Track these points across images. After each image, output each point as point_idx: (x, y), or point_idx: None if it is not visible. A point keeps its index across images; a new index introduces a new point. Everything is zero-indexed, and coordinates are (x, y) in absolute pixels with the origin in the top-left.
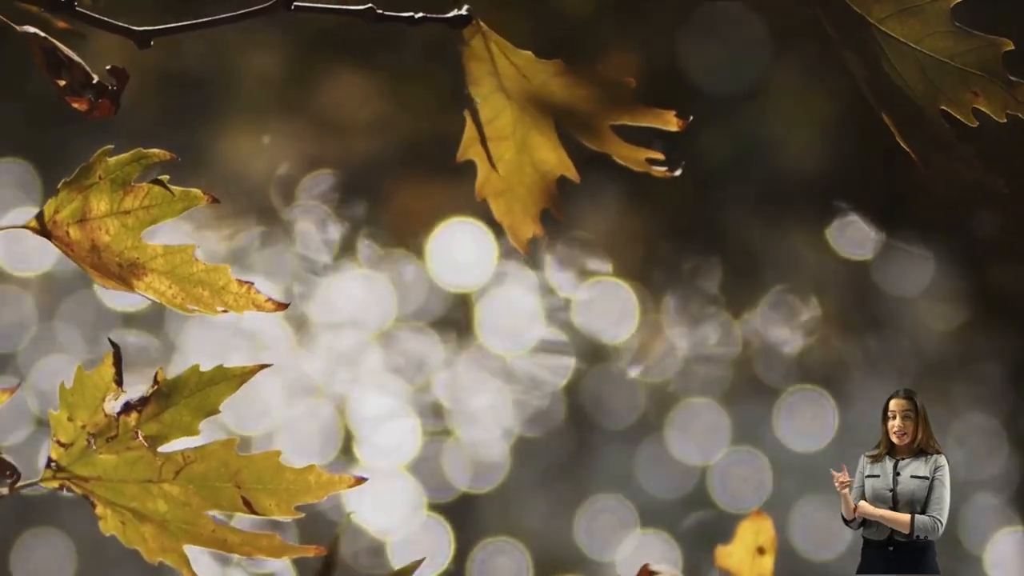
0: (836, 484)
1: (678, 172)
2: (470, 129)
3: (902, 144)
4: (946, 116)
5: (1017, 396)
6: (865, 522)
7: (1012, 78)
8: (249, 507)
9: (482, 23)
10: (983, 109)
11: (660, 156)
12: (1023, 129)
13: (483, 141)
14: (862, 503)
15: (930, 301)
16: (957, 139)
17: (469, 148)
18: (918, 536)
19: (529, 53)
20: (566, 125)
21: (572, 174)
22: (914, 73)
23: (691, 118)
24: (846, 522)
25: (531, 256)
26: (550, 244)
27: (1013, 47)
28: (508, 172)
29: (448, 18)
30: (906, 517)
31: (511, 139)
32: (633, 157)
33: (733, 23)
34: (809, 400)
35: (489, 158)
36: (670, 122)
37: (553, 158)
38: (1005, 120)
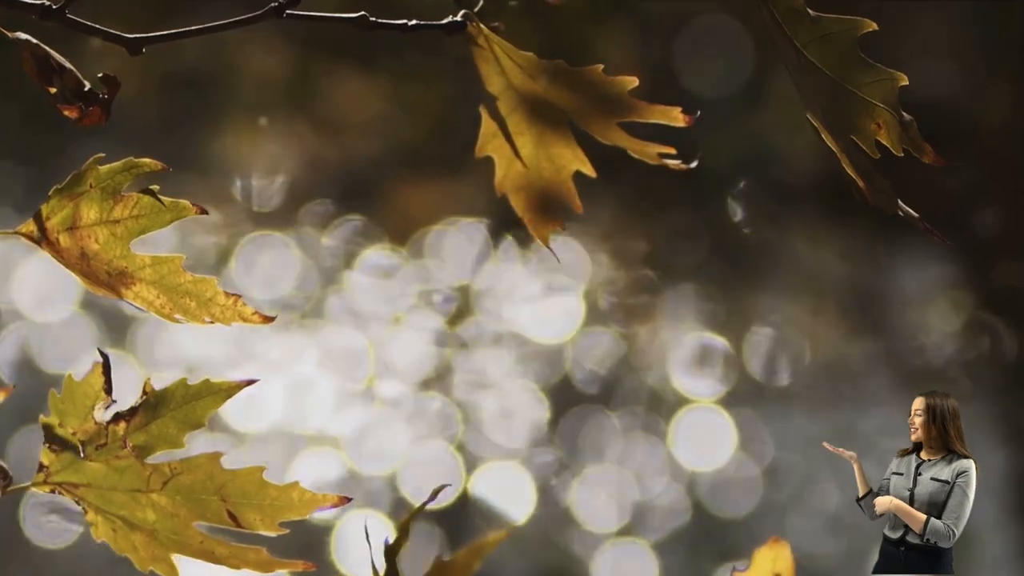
0: (846, 456)
1: (694, 164)
2: (487, 125)
3: (844, 166)
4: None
5: (1017, 396)
6: (885, 517)
7: (905, 115)
8: (235, 520)
9: (483, 26)
10: (883, 142)
11: (672, 150)
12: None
13: (507, 135)
14: (880, 495)
15: (930, 301)
16: (874, 170)
17: (487, 144)
18: (927, 540)
19: (531, 54)
20: (577, 122)
21: (588, 169)
22: (830, 101)
23: (698, 113)
24: (858, 501)
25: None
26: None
27: (908, 82)
28: (527, 167)
29: (442, 25)
30: (922, 516)
31: (527, 134)
32: (646, 152)
33: (733, 26)
34: (807, 401)
35: (515, 150)
36: (676, 118)
37: (568, 153)
38: (903, 155)
